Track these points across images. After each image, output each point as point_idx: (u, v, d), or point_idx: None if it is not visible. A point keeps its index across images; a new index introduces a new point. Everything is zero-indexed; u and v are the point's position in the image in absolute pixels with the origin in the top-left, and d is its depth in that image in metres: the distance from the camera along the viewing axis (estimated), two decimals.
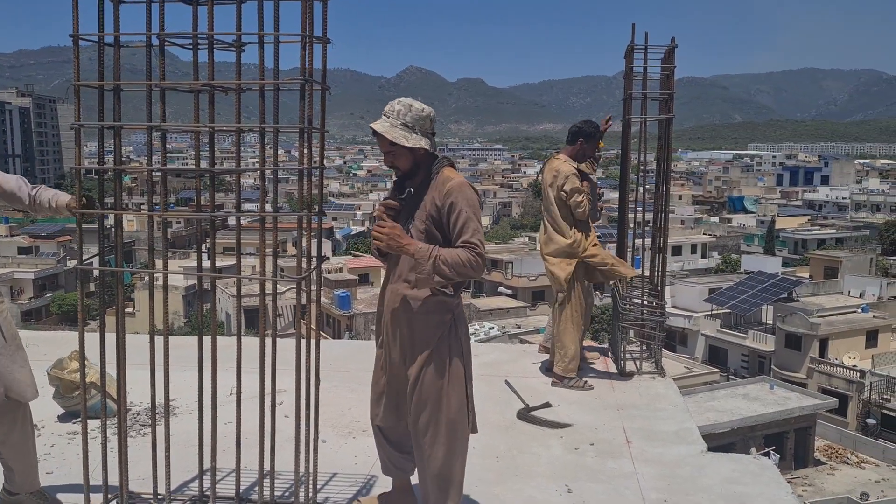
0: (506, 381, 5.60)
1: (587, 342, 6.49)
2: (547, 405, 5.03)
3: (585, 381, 5.51)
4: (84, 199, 3.33)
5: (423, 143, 3.04)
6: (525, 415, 4.90)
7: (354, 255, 53.57)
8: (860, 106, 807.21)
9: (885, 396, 31.23)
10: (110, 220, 3.46)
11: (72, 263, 50.20)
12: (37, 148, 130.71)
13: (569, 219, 5.45)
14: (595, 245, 5.54)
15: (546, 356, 6.15)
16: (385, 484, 3.94)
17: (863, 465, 26.06)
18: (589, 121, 5.73)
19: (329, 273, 42.80)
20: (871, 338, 36.05)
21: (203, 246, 3.41)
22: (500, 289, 51.15)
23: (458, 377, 3.20)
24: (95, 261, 3.36)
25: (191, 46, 3.16)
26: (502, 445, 4.46)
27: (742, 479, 4.02)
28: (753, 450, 22.44)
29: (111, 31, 3.09)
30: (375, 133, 3.06)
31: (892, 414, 30.73)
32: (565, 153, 5.61)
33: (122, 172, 3.30)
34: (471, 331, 37.78)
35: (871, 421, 30.84)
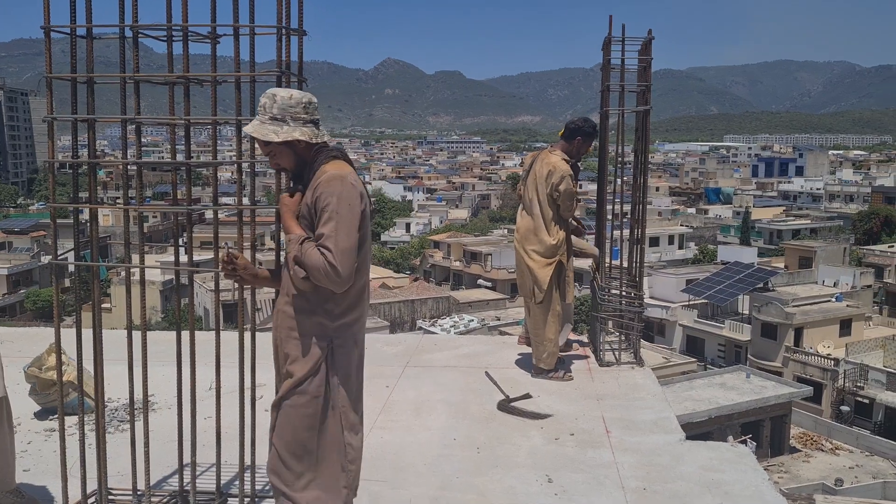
0: (486, 372, 5.62)
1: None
2: (527, 396, 5.05)
3: (565, 373, 5.54)
4: None
5: (296, 133, 2.63)
6: (505, 406, 4.92)
7: None
8: (833, 97, 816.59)
9: (858, 384, 31.71)
10: (85, 215, 3.42)
11: (46, 259, 49.55)
12: (9, 142, 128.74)
13: (555, 217, 5.42)
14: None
15: (528, 348, 6.18)
16: (369, 475, 3.95)
17: (837, 451, 26.45)
18: (588, 119, 5.67)
19: None
20: (845, 326, 36.58)
21: (180, 240, 3.38)
22: (480, 281, 51.29)
23: (332, 427, 2.71)
24: (71, 256, 3.32)
25: (165, 38, 3.12)
26: (483, 436, 4.48)
27: (719, 467, 4.07)
28: (731, 438, 22.69)
29: (83, 22, 3.05)
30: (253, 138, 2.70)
31: (866, 401, 31.22)
32: (560, 149, 5.55)
33: (96, 166, 3.26)
34: (451, 323, 37.13)
35: (845, 408, 31.32)
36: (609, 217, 6.17)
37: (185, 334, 3.33)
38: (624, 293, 5.97)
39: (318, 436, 2.72)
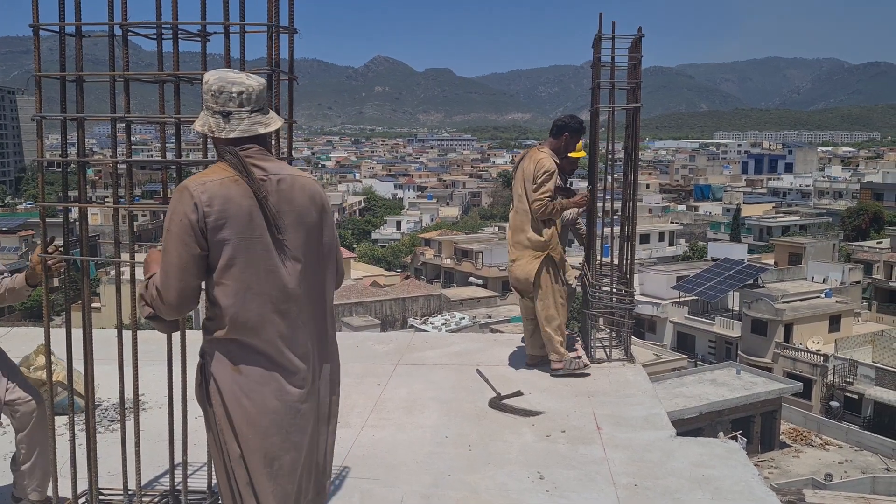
0: (477, 370, 5.62)
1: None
2: (518, 393, 5.06)
3: (581, 359, 5.53)
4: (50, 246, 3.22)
5: (196, 124, 2.43)
6: (497, 403, 4.93)
7: None
8: (822, 94, 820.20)
9: (847, 380, 31.91)
10: (74, 214, 3.41)
11: None
12: None
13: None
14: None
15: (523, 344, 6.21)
16: (360, 473, 3.95)
17: (827, 447, 26.63)
18: (574, 116, 5.66)
19: None
20: (834, 322, 36.81)
21: None
22: (471, 279, 51.31)
23: (218, 452, 2.47)
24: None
25: (155, 36, 3.11)
26: (474, 434, 4.49)
27: (710, 463, 4.09)
28: (721, 434, 22.81)
29: (72, 20, 3.03)
30: None
31: (855, 397, 31.43)
32: (549, 146, 5.53)
33: (86, 165, 3.25)
34: (442, 321, 37.03)
35: (834, 404, 31.51)
36: (600, 214, 6.19)
37: (176, 333, 3.31)
38: (614, 290, 5.99)
39: (220, 455, 2.48)
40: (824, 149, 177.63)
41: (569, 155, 6.08)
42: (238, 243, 2.29)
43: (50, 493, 3.35)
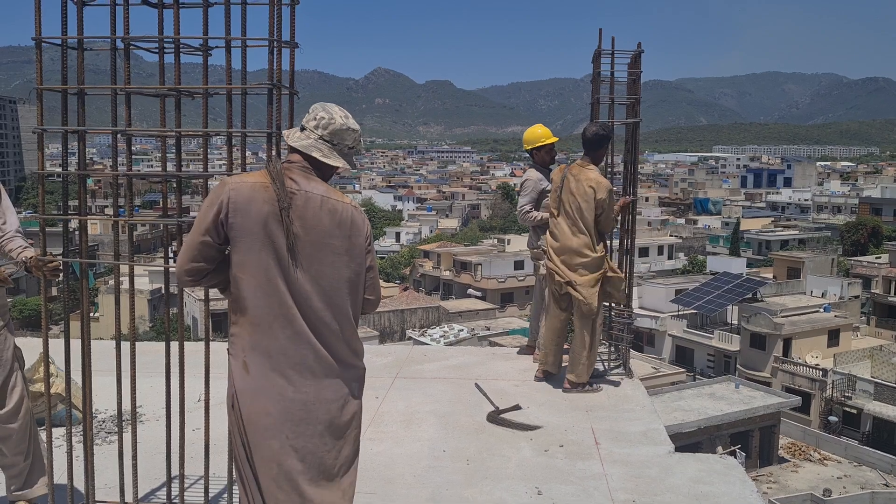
0: (475, 384, 5.61)
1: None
2: (517, 408, 5.05)
3: (597, 385, 5.52)
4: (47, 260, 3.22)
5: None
6: (495, 417, 4.92)
7: None
8: (821, 109, 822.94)
9: (846, 394, 31.85)
10: (74, 223, 3.41)
11: None
12: None
13: (597, 231, 5.35)
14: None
15: (522, 357, 6.23)
16: (357, 487, 3.93)
17: (825, 461, 26.55)
18: (603, 123, 5.56)
19: None
20: (833, 337, 36.78)
21: (169, 250, 3.37)
22: (470, 291, 51.30)
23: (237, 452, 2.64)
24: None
25: (156, 50, 3.12)
26: (472, 448, 4.47)
27: (708, 479, 4.07)
28: (720, 448, 22.75)
29: (75, 33, 3.05)
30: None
31: (854, 411, 31.35)
32: (592, 161, 5.42)
33: (86, 177, 3.25)
34: (440, 333, 36.89)
35: (833, 418, 31.44)
36: None
37: (174, 344, 3.31)
38: (613, 304, 5.98)
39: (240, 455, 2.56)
40: (823, 163, 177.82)
41: (545, 143, 6.08)
42: (249, 242, 2.42)
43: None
